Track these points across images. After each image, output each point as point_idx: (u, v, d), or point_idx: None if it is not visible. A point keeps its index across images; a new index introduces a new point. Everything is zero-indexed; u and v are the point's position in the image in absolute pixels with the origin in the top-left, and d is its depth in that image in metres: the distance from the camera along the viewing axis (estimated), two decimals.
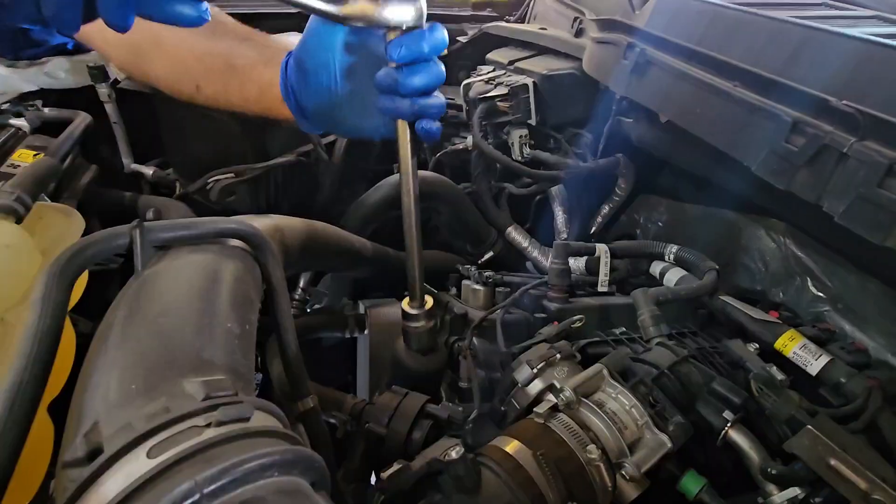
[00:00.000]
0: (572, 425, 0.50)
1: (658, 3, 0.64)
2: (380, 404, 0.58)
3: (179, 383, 0.29)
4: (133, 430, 0.25)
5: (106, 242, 0.38)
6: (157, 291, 0.37)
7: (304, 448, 0.28)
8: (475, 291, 0.83)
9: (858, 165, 0.37)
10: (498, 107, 0.97)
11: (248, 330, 0.40)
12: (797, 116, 0.42)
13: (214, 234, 0.46)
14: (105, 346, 0.32)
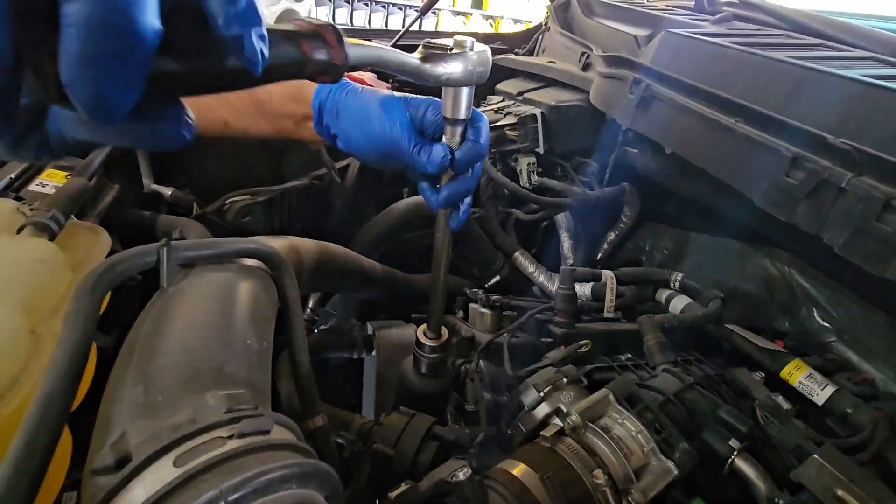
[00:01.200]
0: (579, 450, 0.50)
1: (662, 42, 0.67)
2: (387, 425, 0.58)
3: (203, 396, 0.31)
4: (160, 439, 0.27)
5: (135, 260, 0.40)
6: (182, 307, 0.38)
7: (321, 462, 0.29)
8: (482, 315, 0.84)
9: (857, 200, 0.39)
10: (507, 135, 1.00)
11: (265, 346, 0.41)
12: (797, 152, 0.43)
13: (235, 253, 0.47)
14: (132, 358, 0.33)
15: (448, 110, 0.48)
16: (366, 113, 0.52)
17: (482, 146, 0.51)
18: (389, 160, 0.54)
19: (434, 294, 0.62)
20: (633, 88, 0.65)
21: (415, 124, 0.52)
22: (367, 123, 0.52)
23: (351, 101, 0.54)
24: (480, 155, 0.51)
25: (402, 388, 0.70)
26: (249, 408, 0.31)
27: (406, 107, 0.52)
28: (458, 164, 0.51)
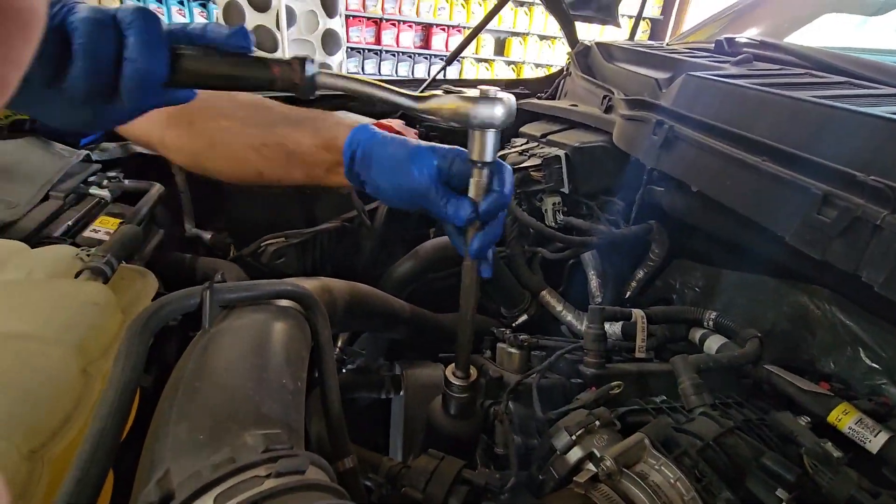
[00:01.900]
0: (614, 497, 0.49)
1: (683, 85, 0.68)
2: (416, 468, 0.58)
3: (241, 435, 0.32)
4: (202, 478, 0.28)
5: (180, 302, 0.42)
6: (222, 348, 0.40)
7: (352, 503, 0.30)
8: (510, 355, 0.84)
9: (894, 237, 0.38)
10: (532, 176, 1.02)
11: (299, 387, 0.42)
12: (827, 190, 0.43)
13: (272, 295, 0.50)
14: (176, 397, 0.35)
15: (475, 153, 0.50)
16: (395, 163, 0.55)
17: (506, 196, 0.52)
18: (417, 207, 0.57)
19: (462, 333, 0.62)
20: (657, 130, 0.67)
21: (442, 175, 0.54)
22: (397, 174, 0.55)
23: (381, 151, 0.57)
24: (504, 204, 0.53)
25: (431, 429, 0.69)
26: (286, 447, 0.32)
27: (434, 157, 0.54)
28: (484, 215, 0.52)
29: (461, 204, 0.52)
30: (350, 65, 5.54)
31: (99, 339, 0.41)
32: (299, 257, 0.96)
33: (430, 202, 0.54)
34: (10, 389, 0.33)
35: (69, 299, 0.41)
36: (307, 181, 0.63)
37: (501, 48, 6.02)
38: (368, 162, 0.57)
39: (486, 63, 5.92)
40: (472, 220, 0.53)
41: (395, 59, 5.59)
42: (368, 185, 0.58)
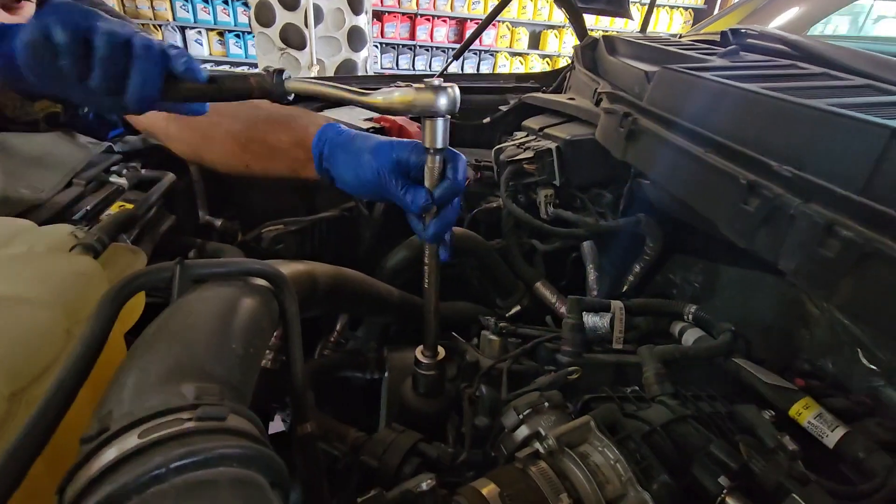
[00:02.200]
0: (549, 473, 0.51)
1: (658, 77, 0.69)
2: (376, 439, 0.62)
3: (179, 386, 0.37)
4: (132, 416, 0.33)
5: (153, 275, 0.48)
6: (183, 314, 0.45)
7: (265, 449, 0.34)
8: (490, 341, 0.87)
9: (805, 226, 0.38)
10: (525, 169, 1.04)
11: (252, 353, 0.47)
12: (753, 179, 0.44)
13: (242, 272, 0.55)
14: (133, 353, 0.40)
15: (426, 141, 0.53)
16: (358, 158, 0.59)
17: (459, 183, 0.56)
18: (381, 197, 0.61)
19: (427, 314, 0.66)
20: (623, 122, 0.67)
21: (400, 166, 0.58)
22: (359, 167, 0.59)
23: (345, 147, 0.61)
24: (457, 191, 0.56)
25: (402, 407, 0.73)
26: (215, 399, 0.36)
27: (392, 150, 0.58)
28: (438, 201, 0.56)
29: (417, 192, 0.56)
30: (385, 60, 5.63)
31: (84, 305, 0.47)
32: (299, 244, 1.02)
33: (390, 192, 0.58)
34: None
35: (60, 270, 0.47)
36: (289, 175, 0.69)
37: (537, 41, 5.95)
38: (334, 158, 0.62)
39: (521, 57, 5.87)
40: (428, 206, 0.56)
41: (430, 54, 5.64)
42: (337, 180, 0.63)
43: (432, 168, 0.55)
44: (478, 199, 1.25)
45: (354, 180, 0.61)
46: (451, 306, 1.06)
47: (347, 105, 1.17)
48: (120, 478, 0.29)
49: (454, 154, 0.56)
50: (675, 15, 5.79)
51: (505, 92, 1.51)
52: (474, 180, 1.25)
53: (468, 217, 1.24)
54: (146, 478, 0.29)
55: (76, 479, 0.31)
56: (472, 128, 1.45)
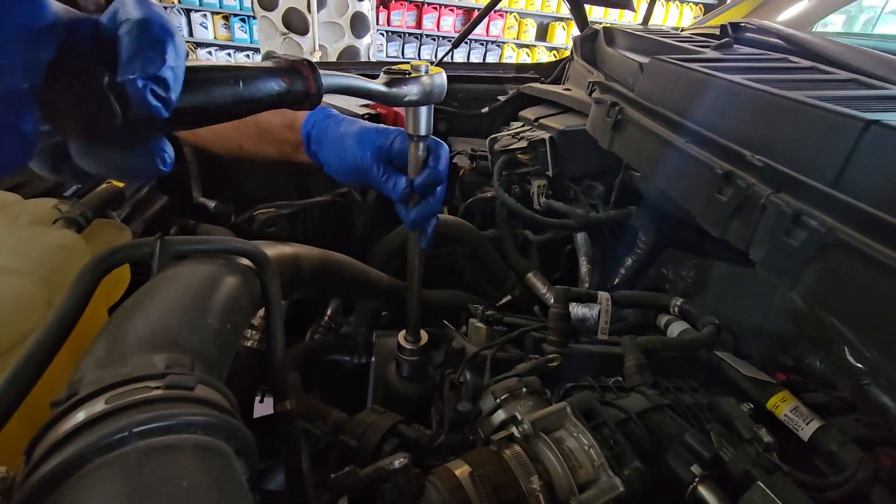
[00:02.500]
0: (522, 456, 0.52)
1: (648, 68, 0.68)
2: (356, 420, 0.63)
3: (151, 356, 0.37)
4: (102, 382, 0.33)
5: (133, 249, 0.48)
6: (161, 288, 0.46)
7: (231, 418, 0.35)
8: (477, 329, 0.87)
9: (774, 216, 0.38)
10: (519, 158, 1.04)
11: (228, 329, 0.47)
12: (728, 169, 0.43)
13: (223, 250, 0.55)
14: (109, 323, 0.41)
15: (409, 128, 0.53)
16: (342, 143, 0.59)
17: (440, 172, 0.56)
18: (364, 183, 0.61)
19: (410, 300, 0.66)
20: (610, 112, 0.67)
21: (383, 153, 0.58)
22: (343, 152, 0.59)
23: (332, 131, 0.61)
24: (438, 181, 0.56)
25: (386, 390, 0.74)
26: (185, 370, 0.37)
27: (377, 136, 0.58)
28: (419, 189, 0.56)
29: (398, 180, 0.56)
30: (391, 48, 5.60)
31: (65, 277, 0.48)
32: (290, 228, 1.02)
33: (372, 178, 0.58)
34: None
35: (42, 242, 0.48)
36: (280, 157, 0.69)
37: (544, 33, 5.90)
38: (321, 142, 0.62)
39: (528, 48, 5.83)
40: (408, 194, 0.56)
41: (436, 44, 5.60)
42: (324, 164, 0.63)
43: (415, 155, 0.55)
44: (473, 189, 1.25)
45: (338, 165, 0.60)
46: (442, 294, 1.06)
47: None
48: (84, 439, 0.29)
49: (437, 143, 0.56)
50: (685, 10, 5.73)
51: (504, 82, 1.50)
52: (469, 170, 1.25)
53: (462, 206, 1.24)
54: (110, 440, 0.29)
55: (44, 440, 0.31)
56: (471, 117, 1.45)
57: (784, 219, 0.37)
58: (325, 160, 0.63)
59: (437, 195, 0.58)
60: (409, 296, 0.67)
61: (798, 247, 0.36)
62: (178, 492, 0.28)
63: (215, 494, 0.30)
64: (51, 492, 0.29)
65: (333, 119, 0.63)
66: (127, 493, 0.27)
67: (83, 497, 0.28)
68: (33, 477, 0.29)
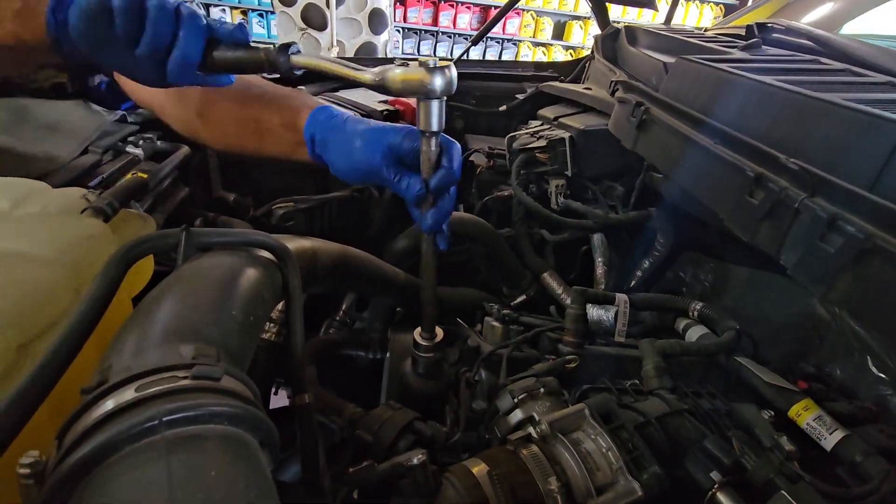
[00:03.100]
0: (540, 457, 0.52)
1: (674, 68, 0.67)
2: (373, 415, 0.63)
3: (177, 347, 0.38)
4: (131, 371, 0.34)
5: (159, 239, 0.49)
6: (186, 279, 0.46)
7: (255, 410, 0.35)
8: (493, 328, 0.87)
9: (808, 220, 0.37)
10: (537, 157, 1.03)
11: (252, 321, 0.48)
12: (760, 172, 0.43)
13: (246, 243, 0.55)
14: (136, 313, 0.42)
15: (421, 123, 0.53)
16: (349, 145, 0.59)
17: (454, 172, 0.55)
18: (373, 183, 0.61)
19: (426, 298, 0.66)
20: (635, 111, 0.66)
21: (393, 152, 0.57)
22: (351, 154, 0.58)
23: (337, 132, 0.60)
24: (453, 181, 0.55)
25: (402, 386, 0.74)
26: (211, 360, 0.37)
27: (386, 135, 0.57)
28: (434, 191, 0.55)
29: (411, 181, 0.56)
30: (406, 45, 5.59)
31: (92, 265, 0.49)
32: (308, 222, 1.03)
33: (383, 179, 0.57)
34: (9, 294, 0.41)
35: (69, 231, 0.49)
36: (280, 156, 0.69)
37: (561, 32, 5.85)
38: (326, 143, 0.61)
39: (544, 47, 5.79)
40: (423, 195, 0.56)
41: (452, 41, 5.59)
42: (330, 166, 0.62)
43: (427, 152, 0.55)
44: (490, 187, 1.25)
45: (347, 166, 0.60)
46: (457, 292, 1.06)
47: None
48: (115, 427, 0.30)
49: (450, 142, 0.55)
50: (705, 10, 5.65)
51: (523, 80, 1.49)
52: (486, 168, 1.25)
53: (479, 204, 1.24)
54: (139, 428, 0.30)
55: (75, 426, 0.32)
56: (488, 115, 1.44)
57: (819, 223, 0.36)
58: (331, 162, 0.62)
59: (451, 195, 0.58)
60: (423, 292, 0.67)
61: (833, 253, 0.35)
62: (206, 481, 0.29)
63: (241, 484, 0.30)
64: (83, 477, 0.29)
65: (337, 119, 0.62)
66: (157, 482, 0.28)
67: (115, 484, 0.28)
68: (66, 462, 0.29)
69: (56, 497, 0.29)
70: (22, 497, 0.31)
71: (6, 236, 0.45)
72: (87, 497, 0.28)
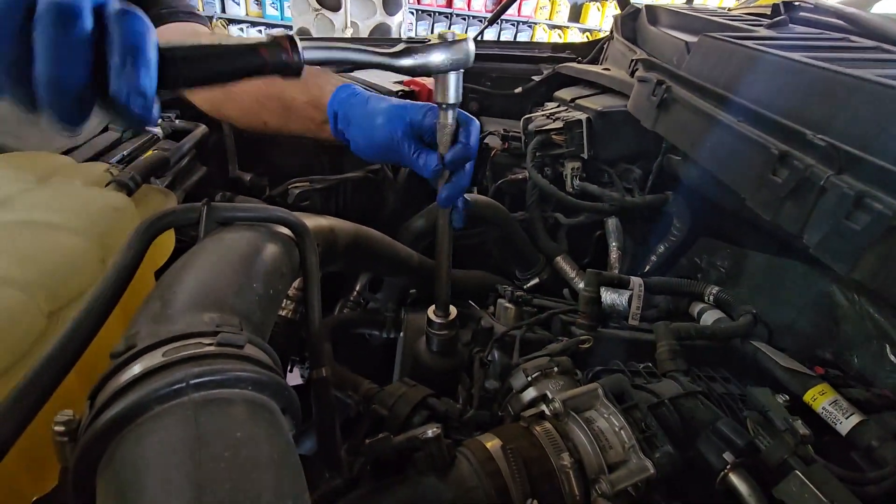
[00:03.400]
0: (553, 432, 0.52)
1: (698, 46, 0.66)
2: (387, 391, 0.64)
3: (202, 315, 0.39)
4: (158, 336, 0.35)
5: (181, 214, 0.50)
6: (209, 252, 0.47)
7: (278, 377, 0.36)
8: (506, 309, 0.87)
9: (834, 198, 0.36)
10: (553, 139, 1.02)
11: (272, 294, 0.49)
12: (784, 149, 0.42)
13: (265, 218, 0.56)
14: (162, 283, 0.43)
15: (438, 96, 0.53)
16: (371, 121, 0.59)
17: (471, 148, 0.55)
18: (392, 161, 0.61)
19: (439, 276, 0.67)
20: (656, 90, 0.65)
21: (413, 129, 0.57)
22: (372, 130, 0.59)
23: (359, 109, 0.61)
24: (469, 156, 0.55)
25: (415, 364, 0.75)
26: (234, 329, 0.38)
27: (406, 113, 0.57)
28: (449, 165, 0.55)
29: (429, 156, 0.56)
30: (420, 27, 5.53)
31: (117, 237, 0.50)
32: (323, 202, 1.03)
33: (402, 156, 0.57)
34: (39, 263, 0.42)
35: (95, 203, 0.50)
36: (304, 133, 0.69)
37: (578, 14, 5.73)
38: (348, 120, 0.61)
39: (560, 30, 5.68)
40: (440, 170, 0.56)
41: (466, 23, 5.51)
42: (351, 143, 0.62)
43: (444, 125, 0.55)
44: (504, 170, 1.24)
45: (367, 143, 0.60)
46: (470, 275, 1.07)
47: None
48: (145, 388, 0.31)
49: (468, 118, 0.55)
50: None
51: (539, 62, 1.47)
52: (501, 150, 1.24)
53: (493, 187, 1.23)
54: (168, 390, 0.31)
55: (106, 387, 0.33)
56: (503, 97, 1.42)
57: (846, 201, 0.36)
58: (352, 139, 0.62)
59: (467, 171, 0.58)
60: (437, 272, 0.67)
61: (860, 230, 0.35)
62: (232, 442, 0.29)
63: (266, 447, 0.31)
64: (114, 436, 0.30)
65: (360, 97, 0.62)
66: (186, 441, 0.29)
67: (146, 442, 0.29)
68: (98, 421, 0.30)
69: (89, 453, 0.30)
70: (56, 454, 0.32)
71: (35, 207, 0.46)
72: (119, 454, 0.29)
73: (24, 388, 0.35)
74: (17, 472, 0.41)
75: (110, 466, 0.29)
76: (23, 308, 0.38)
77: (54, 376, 0.35)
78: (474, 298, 0.97)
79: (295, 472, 0.31)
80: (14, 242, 0.42)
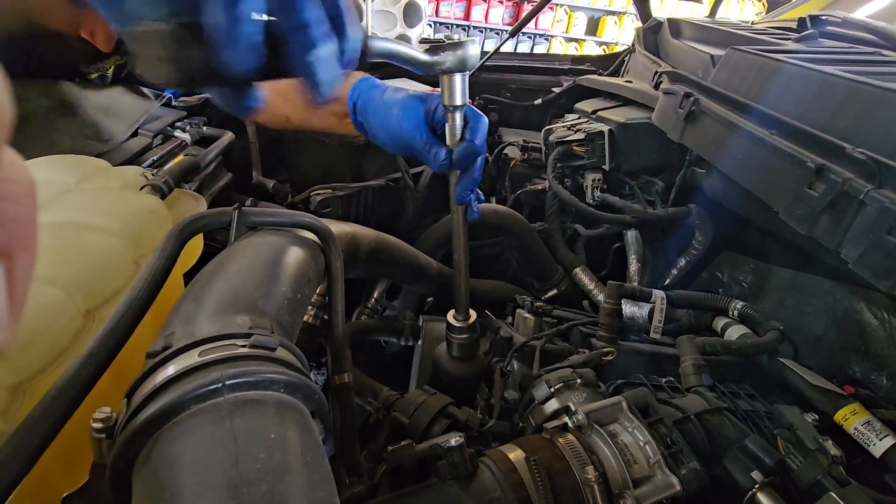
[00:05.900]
0: (577, 445, 0.51)
1: (725, 59, 0.65)
2: (408, 398, 0.64)
3: (234, 317, 0.39)
4: (194, 337, 0.35)
5: (213, 217, 0.51)
6: (240, 255, 0.48)
7: (308, 380, 0.36)
8: (525, 319, 0.87)
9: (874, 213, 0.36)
10: (574, 151, 1.02)
11: (299, 298, 0.49)
12: (821, 163, 0.41)
13: (293, 223, 0.57)
14: (194, 285, 0.43)
15: (445, 98, 0.53)
16: (387, 112, 0.59)
17: (478, 146, 0.55)
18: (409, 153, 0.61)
19: (458, 278, 0.67)
20: (683, 103, 0.65)
21: (428, 120, 0.58)
22: (389, 121, 0.59)
23: (377, 100, 0.61)
24: (476, 154, 0.56)
25: (435, 370, 0.75)
26: (266, 331, 0.39)
27: (421, 104, 0.58)
28: (456, 162, 0.56)
29: (439, 151, 0.56)
30: None
31: (151, 239, 0.51)
32: (344, 209, 1.05)
33: (416, 148, 0.58)
34: (77, 262, 0.43)
35: (130, 205, 0.51)
36: (325, 128, 0.70)
37: (595, 27, 5.75)
38: (367, 111, 0.62)
39: (577, 42, 5.70)
40: (447, 165, 0.56)
41: (483, 36, 5.56)
42: (370, 133, 0.63)
43: (452, 126, 0.55)
44: (523, 181, 1.24)
45: (385, 135, 0.61)
46: (488, 284, 1.06)
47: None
48: (182, 388, 0.31)
49: (475, 114, 0.55)
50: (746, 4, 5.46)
51: (559, 73, 1.48)
52: (520, 161, 1.24)
53: (512, 197, 1.23)
54: (204, 390, 0.31)
55: (142, 386, 0.33)
56: (523, 108, 1.43)
57: (887, 216, 0.35)
58: (371, 130, 0.63)
59: (477, 167, 0.58)
60: (456, 274, 0.67)
61: None
62: (266, 443, 0.30)
63: (298, 449, 0.31)
64: (152, 433, 0.30)
65: (379, 88, 0.63)
66: (221, 440, 0.29)
67: (183, 441, 0.29)
68: (136, 419, 0.31)
69: (127, 451, 0.31)
70: (93, 450, 0.33)
71: (73, 208, 0.47)
72: (156, 452, 0.30)
73: (63, 385, 0.35)
74: (50, 469, 0.41)
75: (147, 464, 0.30)
76: (62, 307, 0.39)
77: (92, 374, 0.36)
78: (491, 308, 0.96)
79: (325, 477, 0.31)
80: (55, 242, 0.43)
